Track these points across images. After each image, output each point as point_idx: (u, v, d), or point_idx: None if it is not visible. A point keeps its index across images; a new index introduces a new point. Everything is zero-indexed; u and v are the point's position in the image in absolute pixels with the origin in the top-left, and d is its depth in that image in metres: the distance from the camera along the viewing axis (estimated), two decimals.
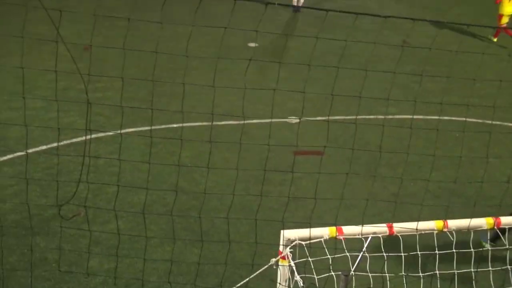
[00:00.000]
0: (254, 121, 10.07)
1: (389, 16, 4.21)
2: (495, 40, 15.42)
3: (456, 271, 5.10)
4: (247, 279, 5.19)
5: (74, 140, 9.51)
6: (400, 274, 4.94)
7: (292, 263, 4.65)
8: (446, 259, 5.13)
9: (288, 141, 9.68)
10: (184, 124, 10.07)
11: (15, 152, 9.08)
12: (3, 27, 13.08)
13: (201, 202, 7.96)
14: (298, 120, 10.36)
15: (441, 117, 10.38)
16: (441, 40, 14.40)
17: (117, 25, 13.16)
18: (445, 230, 4.83)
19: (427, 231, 4.84)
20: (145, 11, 14.66)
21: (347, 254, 4.77)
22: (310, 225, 4.50)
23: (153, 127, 9.84)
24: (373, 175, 7.97)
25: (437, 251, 4.95)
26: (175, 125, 10.09)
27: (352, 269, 4.69)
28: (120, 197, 7.87)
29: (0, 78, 11.00)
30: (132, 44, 12.78)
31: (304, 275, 4.57)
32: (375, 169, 8.97)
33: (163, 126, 9.86)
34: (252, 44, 13.56)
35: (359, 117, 10.43)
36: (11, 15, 13.48)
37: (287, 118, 10.44)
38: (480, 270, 5.17)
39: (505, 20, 15.06)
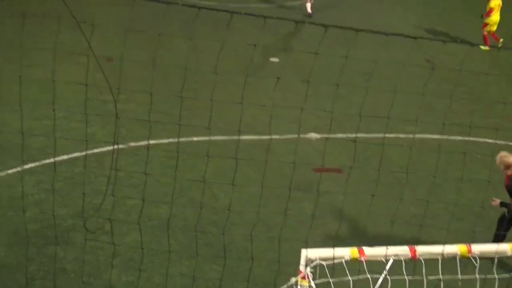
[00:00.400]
0: (275, 136, 10.04)
1: (419, 37, 4.20)
2: (488, 48, 15.79)
3: None
4: None
5: (95, 150, 9.57)
6: None
7: (313, 284, 4.60)
8: (468, 284, 5.04)
9: (308, 158, 9.65)
10: (205, 138, 10.09)
11: (37, 161, 9.16)
12: (28, 37, 13.25)
13: (220, 217, 7.94)
14: (318, 137, 10.33)
15: (465, 138, 10.29)
16: (464, 58, 14.30)
17: (140, 37, 13.26)
18: (469, 255, 4.77)
19: (450, 255, 4.78)
20: (167, 24, 14.76)
21: (369, 276, 4.71)
22: (333, 245, 4.46)
23: (173, 140, 9.88)
24: (397, 197, 7.89)
25: (459, 276, 4.87)
26: (195, 139, 10.12)
27: None
28: (139, 209, 7.87)
29: (24, 87, 11.07)
30: (154, 56, 12.86)
31: None
32: (396, 189, 8.90)
33: (183, 139, 9.87)
34: (274, 59, 13.58)
35: (379, 135, 10.36)
36: (35, 25, 13.66)
37: (308, 135, 10.40)
38: None
39: (490, 28, 15.68)
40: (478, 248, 4.82)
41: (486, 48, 15.49)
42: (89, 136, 9.53)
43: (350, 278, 4.66)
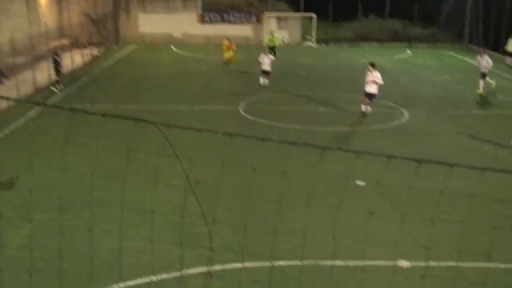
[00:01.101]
0: (365, 263, 9.75)
1: (489, 169, 4.13)
2: None
3: None
4: None
5: (183, 273, 9.62)
6: None
7: None
8: None
9: None
10: (293, 263, 9.94)
11: (127, 281, 9.31)
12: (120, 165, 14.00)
13: None
14: (409, 265, 9.92)
15: None
16: None
17: (228, 161, 13.72)
18: None
19: None
20: (255, 148, 15.21)
21: None
22: None
23: (260, 265, 9.80)
24: None
25: None
26: (281, 263, 9.99)
27: None
28: None
29: (117, 209, 11.59)
30: (241, 179, 13.19)
31: None
32: None
33: (271, 264, 9.77)
34: (360, 183, 13.54)
35: (476, 264, 9.83)
36: (134, 156, 14.47)
37: (398, 262, 10.03)
38: None
39: None
40: None
41: None
42: (178, 259, 9.65)
43: None
